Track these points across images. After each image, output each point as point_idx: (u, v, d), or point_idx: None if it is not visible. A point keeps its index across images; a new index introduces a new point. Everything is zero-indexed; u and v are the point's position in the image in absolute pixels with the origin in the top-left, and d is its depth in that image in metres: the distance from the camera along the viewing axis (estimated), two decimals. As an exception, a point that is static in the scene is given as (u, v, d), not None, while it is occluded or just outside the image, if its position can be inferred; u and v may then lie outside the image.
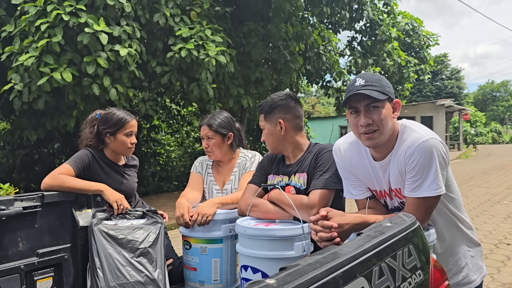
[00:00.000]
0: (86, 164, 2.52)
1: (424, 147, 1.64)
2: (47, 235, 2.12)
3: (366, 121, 1.68)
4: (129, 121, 2.65)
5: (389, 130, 1.71)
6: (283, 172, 2.26)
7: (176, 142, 17.39)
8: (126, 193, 2.58)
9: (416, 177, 1.66)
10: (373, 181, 1.87)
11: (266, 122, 2.21)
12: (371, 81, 1.68)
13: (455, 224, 1.88)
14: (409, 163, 1.66)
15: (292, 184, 2.18)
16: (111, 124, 2.62)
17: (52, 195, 2.17)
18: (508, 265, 5.19)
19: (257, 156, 2.75)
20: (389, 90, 1.70)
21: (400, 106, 1.78)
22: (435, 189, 1.64)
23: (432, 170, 1.63)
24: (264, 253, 1.83)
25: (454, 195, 1.86)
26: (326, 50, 12.39)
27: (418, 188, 1.66)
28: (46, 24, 6.00)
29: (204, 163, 2.87)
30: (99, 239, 2.04)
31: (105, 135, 2.63)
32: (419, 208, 1.66)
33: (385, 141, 1.73)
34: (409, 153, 1.66)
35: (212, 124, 2.68)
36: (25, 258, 2.02)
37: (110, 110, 2.69)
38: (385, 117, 1.68)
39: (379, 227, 1.15)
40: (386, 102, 1.70)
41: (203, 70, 7.22)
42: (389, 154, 1.77)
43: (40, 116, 7.93)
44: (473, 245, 1.94)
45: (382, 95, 1.66)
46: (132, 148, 2.70)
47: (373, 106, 1.68)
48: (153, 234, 2.15)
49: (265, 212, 2.09)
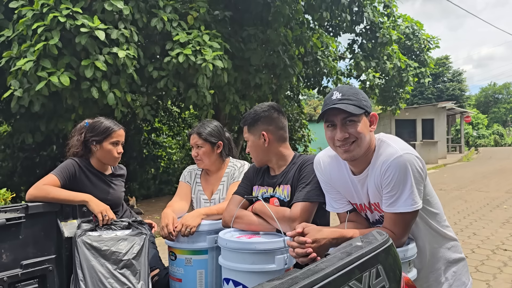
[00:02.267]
0: (72, 174, 2.52)
1: (399, 163, 1.64)
2: (32, 246, 2.12)
3: (343, 135, 1.69)
4: (116, 130, 2.66)
5: (366, 143, 1.72)
6: (267, 183, 2.26)
7: (178, 145, 17.41)
8: (112, 202, 2.58)
9: (392, 192, 1.66)
10: (353, 194, 1.87)
11: (250, 134, 2.22)
12: (347, 94, 1.69)
13: (436, 239, 1.86)
14: (385, 178, 1.67)
15: (276, 195, 2.18)
16: (97, 132, 2.63)
17: (37, 206, 2.17)
18: (504, 271, 5.16)
19: (245, 166, 2.74)
20: (365, 104, 1.70)
21: (376, 120, 1.77)
22: (411, 204, 1.64)
23: (407, 186, 1.63)
24: (245, 266, 1.83)
25: (434, 209, 1.84)
26: (324, 56, 12.39)
27: (394, 204, 1.66)
28: (42, 27, 6.01)
29: (193, 172, 2.87)
30: (82, 250, 2.04)
31: (91, 143, 2.65)
32: (396, 223, 1.67)
33: (362, 154, 1.74)
34: (384, 168, 1.67)
35: (202, 133, 2.69)
36: (8, 270, 2.02)
37: (99, 119, 2.70)
38: (361, 130, 1.68)
39: (348, 247, 1.15)
40: (363, 116, 1.70)
41: (200, 75, 7.22)
42: (367, 168, 1.77)
43: (38, 119, 7.95)
44: (456, 261, 1.91)
45: (358, 109, 1.66)
46: (118, 157, 2.70)
47: (349, 120, 1.69)
48: (137, 246, 2.14)
49: (249, 224, 2.09)
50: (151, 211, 9.42)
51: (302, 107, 19.08)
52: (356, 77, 14.66)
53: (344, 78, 15.26)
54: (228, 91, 8.95)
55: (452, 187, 13.15)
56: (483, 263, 5.47)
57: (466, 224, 7.72)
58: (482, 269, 5.26)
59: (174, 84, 7.69)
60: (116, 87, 6.78)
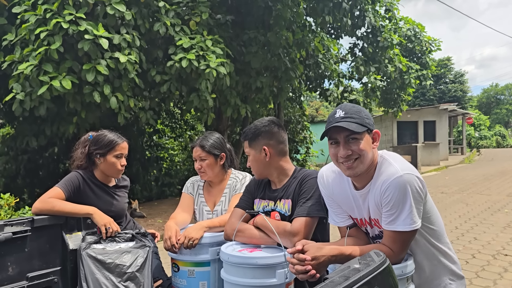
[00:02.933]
0: (76, 187, 2.56)
1: (398, 183, 1.67)
2: (37, 258, 2.17)
3: (346, 152, 1.73)
4: (120, 143, 2.71)
5: (368, 160, 1.75)
6: (269, 197, 2.30)
7: (180, 146, 17.47)
8: (116, 214, 2.63)
9: (391, 211, 1.69)
10: (354, 209, 1.90)
11: (251, 149, 2.25)
12: (350, 113, 1.73)
13: (435, 256, 1.89)
14: (384, 198, 1.70)
15: (277, 210, 2.22)
16: (101, 146, 2.68)
17: (42, 219, 2.21)
18: (505, 277, 5.16)
19: (247, 178, 2.78)
20: (368, 122, 1.74)
21: (379, 137, 1.81)
22: (410, 224, 1.67)
23: (406, 205, 1.66)
24: (246, 281, 1.86)
25: (435, 227, 1.87)
26: (325, 59, 12.44)
27: (393, 222, 1.69)
28: (45, 32, 6.06)
29: (195, 183, 2.91)
30: (87, 263, 2.08)
31: (95, 156, 2.69)
32: (395, 240, 1.70)
33: (365, 170, 1.77)
34: (384, 188, 1.70)
35: (205, 145, 2.72)
36: (15, 282, 2.07)
37: (102, 132, 2.75)
38: (364, 148, 1.72)
39: (346, 270, 1.18)
40: (365, 134, 1.73)
41: (203, 80, 7.27)
42: (368, 184, 1.80)
43: (41, 122, 8.01)
44: (455, 278, 1.93)
45: (360, 127, 1.70)
46: (121, 170, 2.74)
47: (352, 138, 1.72)
48: (141, 258, 2.18)
49: (250, 237, 2.13)
50: (153, 214, 9.46)
51: (304, 109, 19.13)
52: (357, 80, 14.70)
53: (345, 80, 15.31)
54: (229, 94, 9.00)
55: (454, 190, 13.16)
56: (483, 269, 5.47)
57: (467, 228, 7.73)
58: (482, 274, 5.27)
59: (177, 88, 7.74)
60: (119, 91, 6.84)
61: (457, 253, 5.89)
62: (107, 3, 6.49)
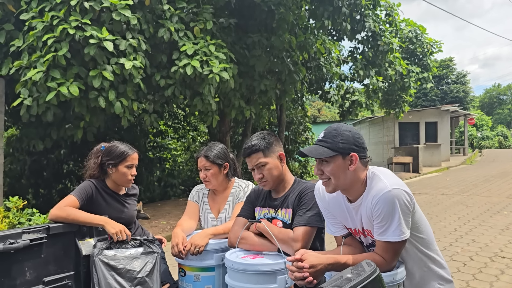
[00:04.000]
0: (90, 195, 2.72)
1: (387, 197, 1.80)
2: (52, 263, 2.31)
3: (317, 172, 1.91)
4: (131, 154, 2.87)
5: (343, 181, 1.88)
6: (269, 205, 2.44)
7: (183, 147, 17.62)
8: (126, 221, 2.78)
9: (382, 223, 1.82)
10: (348, 220, 2.04)
11: (267, 158, 2.34)
12: (327, 136, 1.88)
13: (424, 263, 2.01)
14: (375, 211, 1.83)
15: (278, 218, 2.35)
16: (113, 156, 2.83)
17: (57, 227, 2.35)
18: (501, 279, 5.25)
19: (250, 187, 2.92)
20: (342, 146, 1.84)
21: (357, 160, 1.88)
22: (399, 235, 1.80)
23: (395, 218, 1.79)
24: (249, 286, 2.00)
25: (423, 235, 2.00)
26: (326, 62, 12.57)
27: (384, 233, 1.82)
28: (52, 39, 6.19)
29: (200, 192, 3.05)
30: (100, 269, 2.21)
31: (107, 166, 2.84)
32: (386, 250, 1.84)
33: (346, 188, 1.92)
34: (374, 202, 1.83)
35: (209, 156, 2.86)
36: (32, 286, 2.21)
37: (114, 144, 2.91)
38: (333, 171, 1.86)
39: (339, 280, 1.32)
40: (338, 157, 1.86)
41: (206, 85, 7.40)
42: (360, 198, 1.94)
43: (47, 126, 8.16)
44: (444, 282, 2.05)
45: (329, 152, 1.84)
46: (132, 180, 2.89)
47: (324, 160, 1.87)
48: (150, 264, 2.32)
49: (252, 245, 2.27)
50: (157, 216, 9.61)
51: (306, 110, 19.27)
52: (359, 81, 14.83)
53: (347, 82, 15.43)
54: (233, 96, 9.14)
55: (454, 192, 13.27)
56: (480, 271, 5.58)
57: (466, 230, 7.85)
58: (479, 277, 5.38)
59: (181, 92, 7.88)
60: (123, 96, 6.97)
61: (455, 255, 6.03)
62: (113, 8, 6.61)
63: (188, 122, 17.21)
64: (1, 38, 6.98)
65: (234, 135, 15.86)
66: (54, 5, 6.54)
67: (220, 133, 11.91)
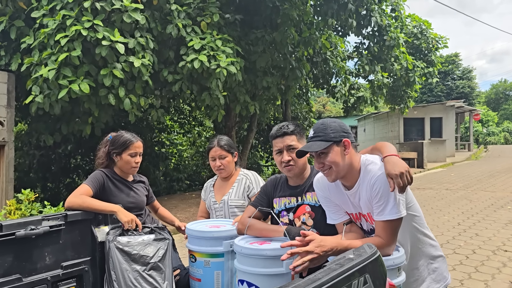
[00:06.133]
0: (101, 183, 2.87)
1: (384, 178, 1.97)
2: (70, 249, 2.43)
3: (318, 165, 2.06)
4: (134, 143, 3.02)
5: (342, 166, 2.03)
6: (290, 194, 2.50)
7: (188, 142, 17.75)
8: (136, 205, 2.94)
9: (379, 202, 1.98)
10: (349, 205, 2.19)
11: (299, 143, 2.45)
12: (317, 131, 2.05)
13: (418, 239, 2.20)
14: (373, 191, 2.00)
15: (306, 202, 2.43)
16: (118, 145, 3.00)
17: (74, 214, 2.48)
18: (503, 272, 5.35)
19: (258, 176, 3.17)
20: (334, 136, 2.02)
21: (349, 144, 2.05)
22: (396, 212, 1.96)
23: (392, 197, 1.96)
24: (257, 270, 2.11)
25: (417, 213, 2.20)
26: (333, 56, 12.62)
27: (382, 212, 1.98)
28: (65, 39, 6.30)
29: (208, 186, 3.33)
30: (115, 254, 2.33)
31: (113, 154, 3.01)
32: (385, 229, 1.98)
33: (345, 174, 2.06)
34: (372, 182, 2.00)
35: (224, 145, 3.11)
36: (51, 270, 2.33)
37: (120, 133, 3.07)
38: (333, 159, 2.01)
39: (342, 259, 1.42)
40: (333, 146, 2.02)
41: (213, 79, 7.51)
42: (357, 183, 2.09)
43: (56, 121, 8.29)
44: (436, 257, 2.25)
45: (324, 144, 2.00)
46: (136, 167, 3.05)
47: (321, 153, 2.03)
48: (162, 250, 2.44)
49: (260, 231, 2.39)
50: (163, 209, 9.71)
51: (311, 105, 19.32)
52: (364, 77, 14.87)
53: (352, 78, 15.47)
54: (239, 91, 9.24)
55: (458, 187, 13.33)
56: (483, 264, 5.68)
57: (469, 224, 7.93)
58: (481, 269, 5.47)
59: (188, 87, 7.99)
60: (132, 93, 7.10)
61: (458, 248, 6.14)
62: (123, 9, 6.72)
63: (194, 117, 17.33)
64: (12, 34, 7.12)
65: (240, 130, 15.97)
66: (65, 4, 6.65)
67: (226, 128, 12.02)
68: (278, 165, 2.47)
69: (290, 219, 2.45)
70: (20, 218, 2.32)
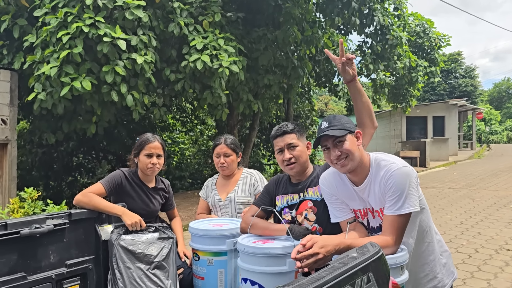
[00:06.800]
0: (118, 184, 2.88)
1: (399, 173, 2.01)
2: (74, 248, 2.44)
3: (336, 154, 2.06)
4: (148, 143, 2.99)
5: (357, 156, 2.07)
6: (292, 191, 2.52)
7: (190, 140, 17.77)
8: (148, 213, 2.95)
9: (393, 196, 2.00)
10: (356, 201, 2.20)
11: (300, 141, 2.50)
12: (332, 122, 2.09)
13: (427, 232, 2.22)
14: (387, 185, 2.02)
15: (307, 198, 2.45)
16: (136, 146, 3.02)
17: (79, 213, 2.50)
18: (506, 271, 5.34)
19: (261, 174, 3.23)
20: (348, 126, 2.09)
21: (361, 135, 2.14)
22: (407, 208, 1.98)
23: (405, 192, 1.99)
24: (260, 268, 2.12)
25: (425, 206, 2.22)
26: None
27: (394, 206, 2.00)
28: (67, 36, 6.31)
29: (209, 184, 3.36)
30: (119, 253, 2.34)
31: (134, 156, 3.03)
32: (393, 224, 1.99)
33: (357, 166, 2.09)
34: (387, 177, 2.03)
35: (230, 143, 3.17)
36: (55, 269, 2.35)
37: (143, 134, 3.08)
38: (350, 147, 2.05)
39: (345, 258, 1.43)
40: (348, 135, 2.07)
41: (216, 78, 7.51)
42: (366, 179, 2.11)
43: (58, 119, 8.30)
44: (443, 252, 2.27)
45: (342, 131, 2.05)
46: (152, 168, 2.98)
47: (338, 141, 2.06)
48: (166, 249, 2.45)
49: (263, 230, 2.40)
50: (166, 208, 9.72)
51: (313, 103, 19.32)
52: (366, 76, 14.84)
53: (355, 76, 15.42)
54: (241, 90, 9.24)
55: (461, 185, 13.32)
56: (485, 263, 5.67)
57: (472, 223, 7.92)
58: (484, 268, 5.47)
59: (190, 86, 8.00)
60: (134, 89, 7.10)
61: (460, 247, 6.14)
62: (125, 7, 6.73)
63: (196, 116, 17.34)
64: (15, 33, 7.13)
65: (242, 129, 15.98)
66: (67, 1, 6.66)
67: (228, 127, 12.02)
68: (280, 164, 2.51)
69: (292, 216, 2.47)
70: (25, 217, 2.32)
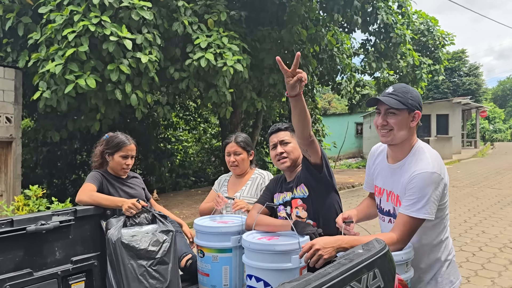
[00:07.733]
0: (100, 182, 2.97)
1: (424, 177, 1.91)
2: (80, 244, 2.46)
3: (382, 122, 2.02)
4: (127, 145, 3.09)
5: (401, 134, 2.00)
6: (286, 189, 2.60)
7: (194, 138, 17.80)
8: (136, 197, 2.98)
9: (411, 197, 1.93)
10: (382, 178, 2.20)
11: (292, 139, 2.55)
12: (398, 91, 2.00)
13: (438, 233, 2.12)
14: (410, 184, 1.95)
15: (296, 196, 2.51)
16: (111, 146, 3.07)
17: (84, 209, 2.51)
18: (509, 269, 5.34)
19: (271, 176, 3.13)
20: (411, 103, 1.98)
21: (419, 117, 2.03)
22: (424, 213, 1.90)
23: (425, 197, 1.90)
24: (265, 265, 2.12)
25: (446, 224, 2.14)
26: (339, 52, 12.58)
27: (409, 208, 1.93)
28: (73, 34, 6.33)
29: (222, 180, 3.32)
30: (121, 250, 2.34)
31: (106, 154, 3.09)
32: (405, 224, 1.93)
33: (398, 143, 2.04)
34: (412, 176, 1.94)
35: (240, 142, 3.10)
36: (61, 265, 2.36)
37: (115, 134, 3.15)
38: (398, 123, 1.98)
39: (351, 254, 1.43)
40: (405, 112, 1.98)
41: (220, 77, 7.52)
42: (402, 161, 2.06)
43: (63, 118, 8.33)
44: (452, 252, 2.21)
45: (400, 105, 1.96)
46: (126, 169, 3.12)
47: (390, 112, 1.99)
48: (167, 243, 2.45)
49: (267, 226, 2.42)
50: (170, 206, 9.75)
51: (316, 102, 19.30)
52: (370, 74, 14.83)
53: (358, 75, 15.43)
54: (245, 88, 9.24)
55: (465, 184, 13.29)
56: (489, 261, 5.66)
57: (476, 222, 7.91)
58: (488, 266, 5.46)
59: (194, 84, 8.01)
60: (138, 89, 7.12)
61: (464, 245, 6.11)
62: (131, 6, 6.74)
63: (199, 114, 17.36)
64: (20, 31, 7.15)
65: (245, 127, 15.98)
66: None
67: (231, 125, 12.03)
68: (273, 159, 2.60)
69: (287, 212, 2.50)
70: (30, 214, 2.34)
